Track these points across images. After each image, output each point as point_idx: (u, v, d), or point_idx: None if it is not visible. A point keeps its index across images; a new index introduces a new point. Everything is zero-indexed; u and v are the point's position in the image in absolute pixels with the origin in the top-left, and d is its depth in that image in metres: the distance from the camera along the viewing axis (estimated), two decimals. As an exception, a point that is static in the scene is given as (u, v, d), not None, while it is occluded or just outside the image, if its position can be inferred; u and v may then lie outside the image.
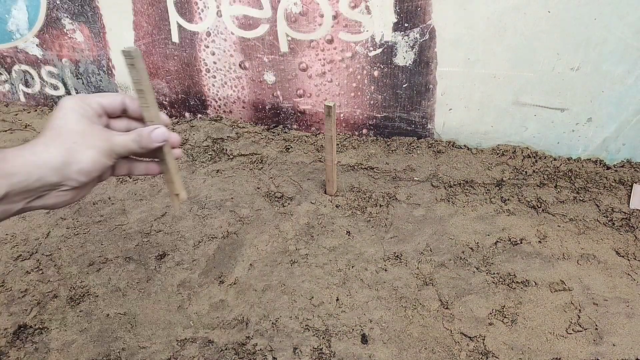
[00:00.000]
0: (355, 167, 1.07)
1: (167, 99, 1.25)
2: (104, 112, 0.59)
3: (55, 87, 1.32)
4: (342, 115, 1.13)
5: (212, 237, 0.90)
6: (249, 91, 1.16)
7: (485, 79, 0.99)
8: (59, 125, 0.54)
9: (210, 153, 1.15)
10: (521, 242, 0.86)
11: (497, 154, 1.05)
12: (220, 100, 1.21)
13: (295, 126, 1.18)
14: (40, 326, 0.76)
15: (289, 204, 0.97)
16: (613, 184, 0.96)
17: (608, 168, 0.99)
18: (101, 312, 0.78)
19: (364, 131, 1.14)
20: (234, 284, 0.82)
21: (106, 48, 1.22)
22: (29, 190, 0.51)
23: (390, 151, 1.09)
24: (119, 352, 0.72)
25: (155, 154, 0.59)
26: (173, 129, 1.22)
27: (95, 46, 1.22)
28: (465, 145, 1.08)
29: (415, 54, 1.00)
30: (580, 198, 0.95)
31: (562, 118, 0.99)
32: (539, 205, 0.94)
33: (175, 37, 1.14)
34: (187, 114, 1.26)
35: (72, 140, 0.53)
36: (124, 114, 0.61)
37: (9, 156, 0.50)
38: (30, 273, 0.85)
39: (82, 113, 0.56)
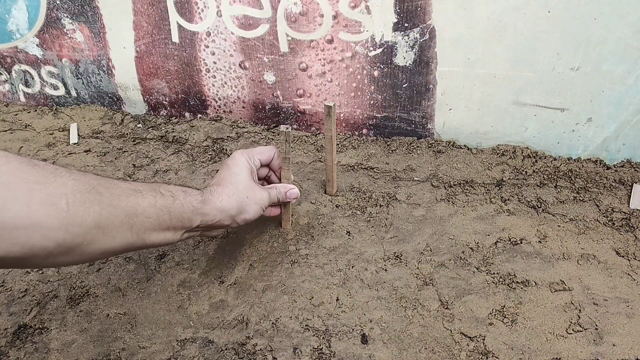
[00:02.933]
0: (355, 167, 1.07)
1: (167, 99, 1.25)
2: (260, 164, 0.79)
3: (55, 87, 1.32)
4: (342, 115, 1.13)
5: (212, 237, 0.90)
6: (249, 91, 1.16)
7: (485, 79, 0.99)
8: (238, 181, 0.71)
9: (210, 153, 1.15)
10: (521, 242, 0.86)
11: (497, 153, 1.05)
12: (220, 100, 1.21)
13: (295, 126, 1.18)
14: (40, 326, 0.76)
15: (289, 204, 0.96)
16: (613, 184, 0.96)
17: (608, 168, 0.99)
18: (101, 312, 0.78)
19: (364, 131, 1.14)
20: (234, 284, 0.82)
21: (106, 48, 1.22)
22: (209, 226, 0.67)
23: (390, 151, 1.09)
24: (119, 352, 0.72)
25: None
26: (174, 129, 1.22)
27: (95, 46, 1.22)
28: (465, 145, 1.08)
29: (415, 54, 1.00)
30: (580, 198, 0.95)
31: (562, 118, 0.99)
32: (539, 205, 0.94)
33: (175, 37, 1.14)
34: (187, 114, 1.26)
35: (245, 196, 0.70)
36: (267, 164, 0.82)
37: (207, 199, 0.65)
38: (30, 273, 0.85)
39: (250, 169, 0.74)
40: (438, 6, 0.94)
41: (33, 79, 1.32)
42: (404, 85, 1.05)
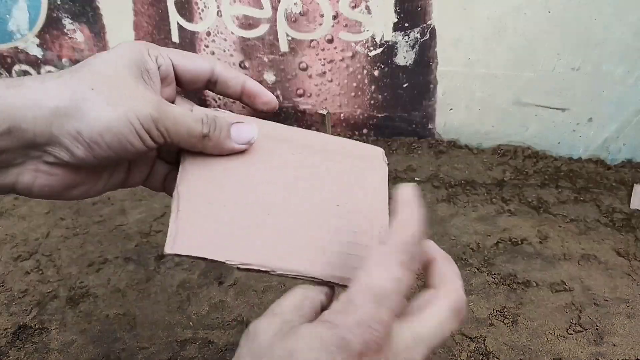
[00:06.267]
0: (356, 167, 1.06)
1: (167, 99, 1.25)
2: (173, 79, 0.38)
3: (56, 87, 1.32)
4: (342, 115, 1.13)
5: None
6: (249, 91, 1.16)
7: (486, 79, 0.99)
8: (88, 63, 0.33)
9: (210, 153, 1.15)
10: (522, 243, 0.86)
11: (498, 154, 1.05)
12: (220, 100, 1.21)
13: (295, 126, 1.18)
14: (40, 326, 0.76)
15: (289, 204, 0.96)
16: (614, 184, 0.96)
17: (609, 168, 0.99)
18: (101, 312, 0.78)
19: (365, 131, 1.14)
20: (234, 284, 0.81)
21: (106, 48, 1.22)
22: None
23: (391, 151, 1.09)
24: (118, 353, 0.72)
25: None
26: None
27: (95, 46, 1.22)
28: (466, 146, 1.08)
29: (415, 54, 1.00)
30: (581, 198, 0.94)
31: (562, 118, 0.99)
32: (540, 206, 0.94)
33: (175, 37, 1.14)
34: (187, 114, 1.26)
35: (90, 87, 0.30)
36: (210, 88, 0.40)
37: None
38: (30, 273, 0.85)
39: (137, 63, 0.34)
40: (438, 6, 0.93)
41: (33, 79, 1.32)
42: (404, 85, 1.05)
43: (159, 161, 0.40)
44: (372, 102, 1.09)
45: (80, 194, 0.35)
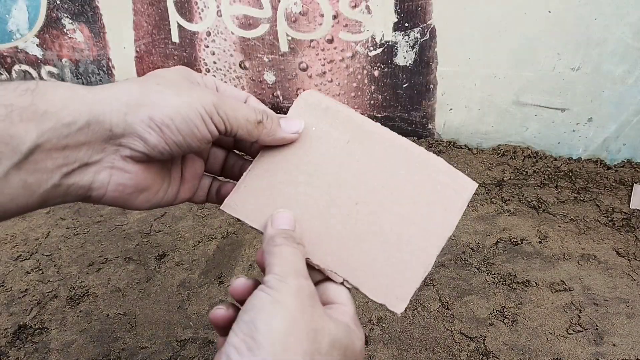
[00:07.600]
0: (356, 167, 1.07)
1: (167, 99, 1.25)
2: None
3: (55, 87, 1.32)
4: (342, 115, 1.13)
5: (211, 237, 0.90)
6: (249, 91, 1.16)
7: (485, 79, 0.99)
8: (150, 74, 0.38)
9: (210, 153, 1.15)
10: (522, 242, 0.86)
11: (498, 154, 1.05)
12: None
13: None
14: (40, 326, 0.76)
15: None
16: (613, 184, 0.96)
17: (608, 168, 0.99)
18: (101, 312, 0.78)
19: (364, 131, 1.14)
20: (234, 284, 0.81)
21: (106, 48, 1.22)
22: (68, 146, 0.32)
23: (391, 151, 1.09)
24: (119, 352, 0.72)
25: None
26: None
27: (95, 46, 1.22)
28: (465, 145, 1.08)
29: (415, 54, 1.00)
30: (581, 198, 0.94)
31: (562, 118, 0.99)
32: (540, 206, 0.94)
33: (175, 37, 1.14)
34: (187, 114, 1.26)
35: (154, 82, 0.36)
36: None
37: (46, 87, 0.33)
38: (30, 273, 0.85)
39: (188, 77, 0.39)
40: (438, 6, 0.93)
41: (33, 79, 1.32)
42: (404, 85, 1.05)
43: (204, 176, 0.45)
44: (372, 102, 1.09)
45: (142, 202, 0.39)
